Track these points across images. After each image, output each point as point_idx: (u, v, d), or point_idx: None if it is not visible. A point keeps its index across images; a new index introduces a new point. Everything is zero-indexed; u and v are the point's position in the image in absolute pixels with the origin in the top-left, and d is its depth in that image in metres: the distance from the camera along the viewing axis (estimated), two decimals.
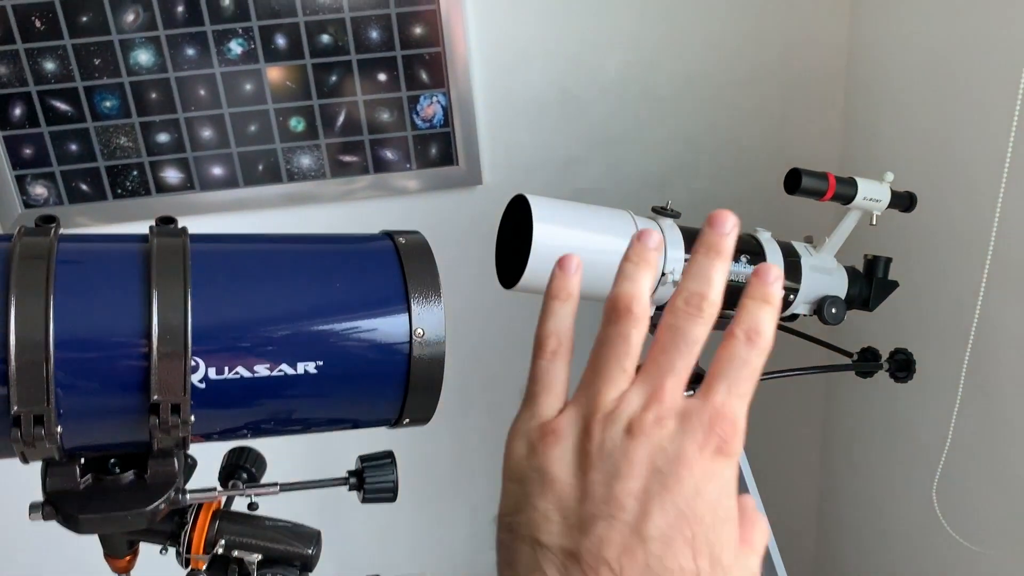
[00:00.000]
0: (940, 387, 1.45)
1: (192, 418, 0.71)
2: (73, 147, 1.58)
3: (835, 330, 1.30)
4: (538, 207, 1.05)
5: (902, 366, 1.28)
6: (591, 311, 1.74)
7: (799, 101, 1.72)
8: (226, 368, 0.71)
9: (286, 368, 0.73)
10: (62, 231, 0.73)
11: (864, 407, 1.81)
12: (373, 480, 0.87)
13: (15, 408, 0.66)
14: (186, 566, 0.87)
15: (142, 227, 1.67)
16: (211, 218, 1.66)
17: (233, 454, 0.99)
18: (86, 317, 0.68)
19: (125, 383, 0.69)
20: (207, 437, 0.77)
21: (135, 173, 1.61)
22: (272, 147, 1.63)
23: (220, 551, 0.86)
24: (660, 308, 1.19)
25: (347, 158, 1.65)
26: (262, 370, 0.73)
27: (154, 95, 1.57)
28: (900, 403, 1.65)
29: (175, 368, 0.69)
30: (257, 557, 0.87)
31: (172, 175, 1.63)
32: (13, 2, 1.47)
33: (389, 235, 0.84)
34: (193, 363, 0.70)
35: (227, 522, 0.87)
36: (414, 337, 0.77)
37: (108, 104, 1.57)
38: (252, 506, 0.88)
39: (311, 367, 0.74)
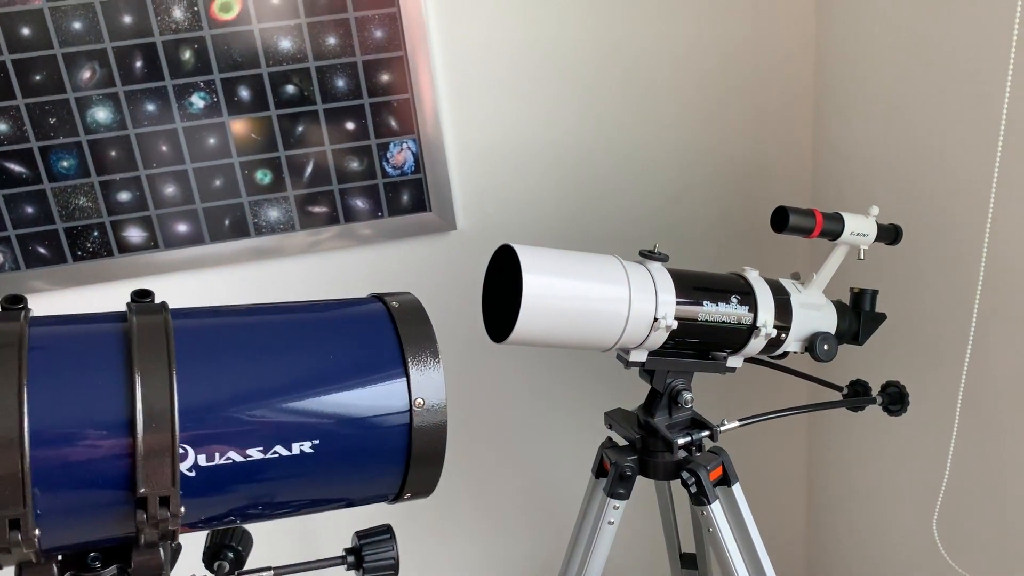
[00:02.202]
0: (934, 418, 1.44)
1: (182, 509, 0.66)
2: (29, 209, 1.52)
3: (822, 364, 1.28)
4: (526, 257, 1.02)
5: (895, 399, 1.27)
6: (585, 358, 1.70)
7: (770, 126, 1.72)
8: (217, 454, 0.67)
9: (280, 450, 0.69)
10: (32, 313, 0.68)
11: (850, 440, 1.79)
12: (373, 558, 0.82)
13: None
14: None
15: (105, 290, 1.59)
16: (177, 276, 1.60)
17: (217, 533, 0.94)
18: (64, 409, 0.63)
19: (109, 478, 0.64)
20: (197, 526, 0.72)
21: (96, 234, 1.55)
22: (239, 201, 1.58)
23: None
24: (653, 353, 1.16)
25: (316, 209, 1.61)
26: (255, 453, 0.68)
27: (114, 153, 1.51)
28: (890, 435, 1.64)
29: (162, 458, 0.64)
30: None
31: (135, 234, 1.57)
32: None
33: (379, 298, 0.80)
34: (181, 451, 0.65)
35: None
36: (414, 407, 0.73)
37: (65, 164, 1.51)
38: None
39: (307, 447, 0.70)
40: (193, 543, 0.87)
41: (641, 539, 1.89)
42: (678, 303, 1.10)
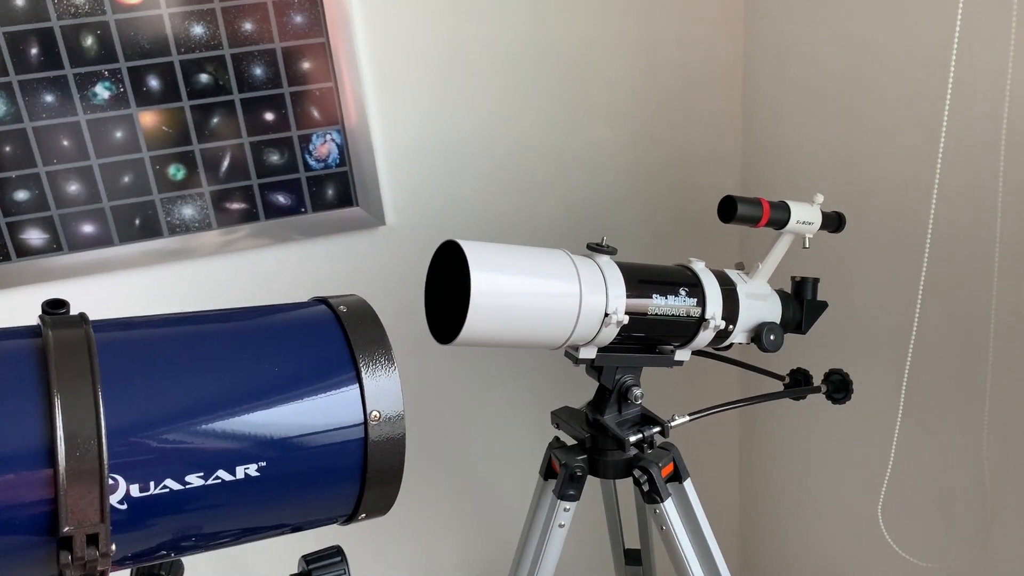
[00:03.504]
0: (876, 406, 1.45)
1: (113, 547, 0.59)
2: None
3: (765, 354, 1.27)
4: (473, 253, 0.96)
5: (839, 387, 1.27)
6: (530, 356, 1.64)
7: (699, 114, 1.71)
8: (151, 483, 0.59)
9: (223, 475, 0.62)
10: None
11: (786, 430, 1.80)
12: None
13: None
14: None
15: (5, 297, 1.47)
16: (83, 281, 1.48)
17: (144, 567, 0.86)
18: None
19: (27, 515, 0.56)
20: (126, 563, 0.65)
21: None
22: (150, 199, 1.47)
23: None
24: (603, 350, 1.12)
25: (234, 205, 1.52)
26: (195, 480, 0.61)
27: (8, 148, 1.39)
28: (830, 425, 1.65)
29: (89, 490, 0.57)
30: None
31: (35, 236, 1.44)
32: None
33: (323, 301, 0.74)
34: (111, 481, 0.58)
35: None
36: (370, 420, 0.67)
37: None
38: None
39: (252, 469, 0.63)
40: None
41: (583, 534, 1.86)
42: (628, 297, 1.07)
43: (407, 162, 1.58)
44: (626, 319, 1.05)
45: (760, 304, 1.21)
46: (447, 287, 1.03)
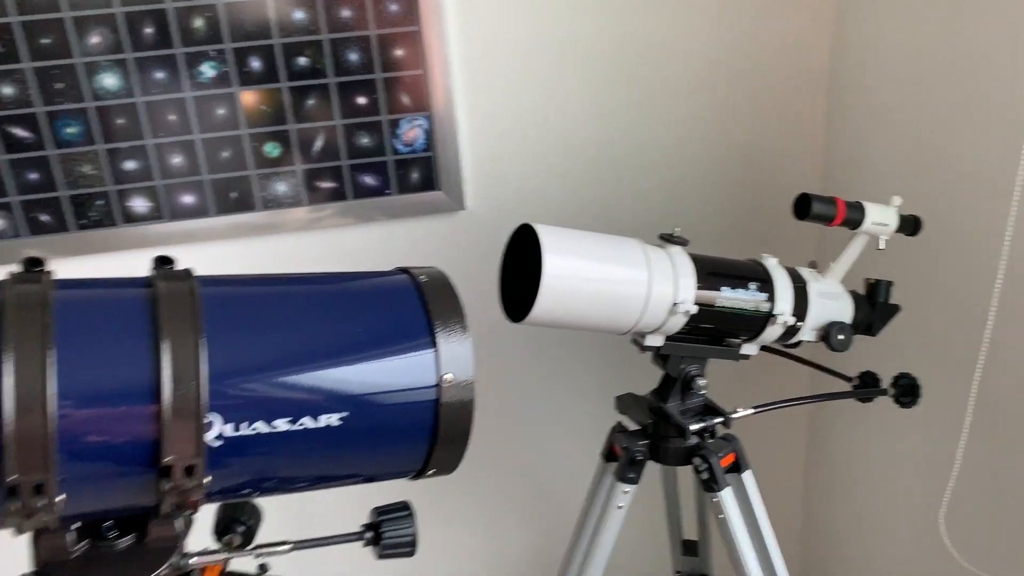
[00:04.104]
0: (944, 413, 1.44)
1: (207, 479, 0.65)
2: (33, 176, 1.49)
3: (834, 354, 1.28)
4: (547, 237, 1.00)
5: (907, 391, 1.26)
6: (595, 342, 1.68)
7: (782, 113, 1.71)
8: (244, 424, 0.65)
9: (308, 421, 0.68)
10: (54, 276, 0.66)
11: (852, 433, 1.79)
12: (391, 535, 0.81)
13: (13, 476, 0.59)
14: None
15: (108, 260, 1.57)
16: (179, 248, 1.57)
17: (228, 507, 0.92)
18: (89, 373, 0.62)
19: (134, 445, 0.62)
20: (213, 497, 0.71)
21: (100, 202, 1.53)
22: (246, 174, 1.56)
23: None
24: (669, 338, 1.15)
25: (324, 184, 1.59)
26: (282, 424, 0.67)
27: (120, 120, 1.49)
28: (895, 429, 1.63)
29: (188, 426, 0.63)
30: None
31: (140, 204, 1.54)
32: None
33: (406, 271, 0.79)
34: (208, 420, 0.64)
35: None
36: (443, 383, 0.72)
37: (71, 130, 1.48)
38: (263, 568, 0.81)
39: (334, 419, 0.68)
40: (201, 517, 0.85)
41: (642, 522, 1.88)
42: (697, 288, 1.09)
43: (490, 149, 1.62)
44: (695, 309, 1.08)
45: (831, 303, 1.21)
46: (521, 268, 1.07)
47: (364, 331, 0.71)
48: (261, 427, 0.66)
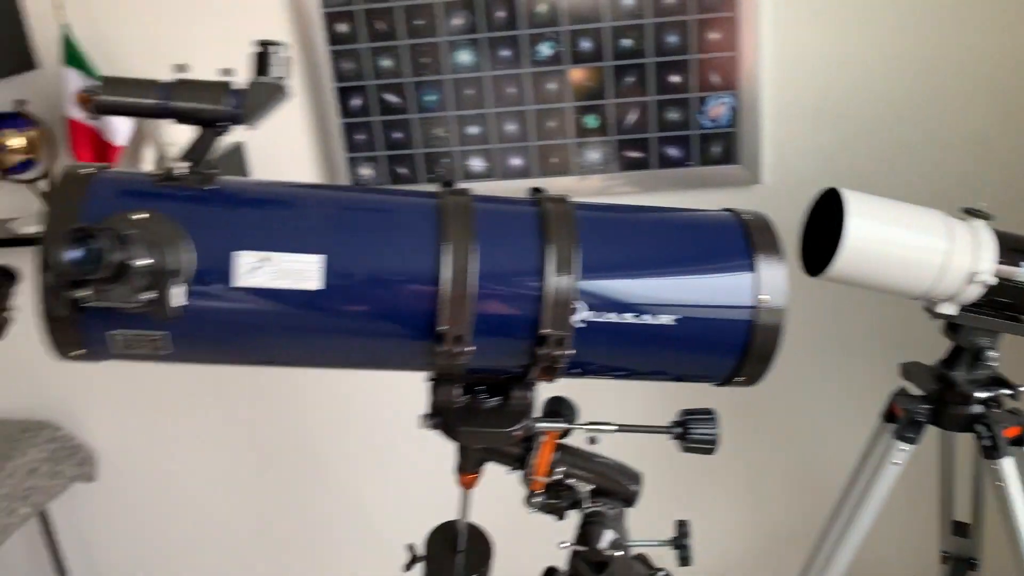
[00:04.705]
0: None
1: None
2: (397, 135, 1.81)
3: None
4: (853, 200, 1.11)
5: None
6: (878, 310, 1.75)
7: None
8: (601, 313, 0.84)
9: (648, 318, 0.85)
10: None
11: None
12: (697, 432, 0.97)
13: (442, 327, 0.82)
14: (528, 487, 1.00)
15: None
16: None
17: (553, 401, 1.12)
18: (498, 261, 0.83)
19: (524, 316, 0.83)
20: (568, 372, 0.90)
21: (446, 160, 1.82)
22: (565, 142, 1.78)
23: (557, 478, 0.99)
24: (963, 309, 1.20)
25: (633, 154, 1.78)
26: (629, 317, 0.85)
27: (469, 91, 1.76)
28: None
29: (562, 308, 0.83)
30: (589, 487, 1.00)
31: (477, 163, 1.82)
32: (364, 7, 1.71)
33: (731, 210, 0.94)
34: (576, 306, 0.83)
35: (566, 454, 1.00)
36: (759, 304, 0.86)
37: (429, 98, 1.78)
38: (593, 440, 1.00)
39: (669, 319, 0.86)
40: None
41: (911, 500, 1.89)
42: (999, 263, 1.14)
43: (791, 128, 1.72)
44: (993, 280, 1.13)
45: None
46: (824, 228, 1.19)
47: (698, 251, 0.88)
48: (613, 317, 0.84)
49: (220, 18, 1.79)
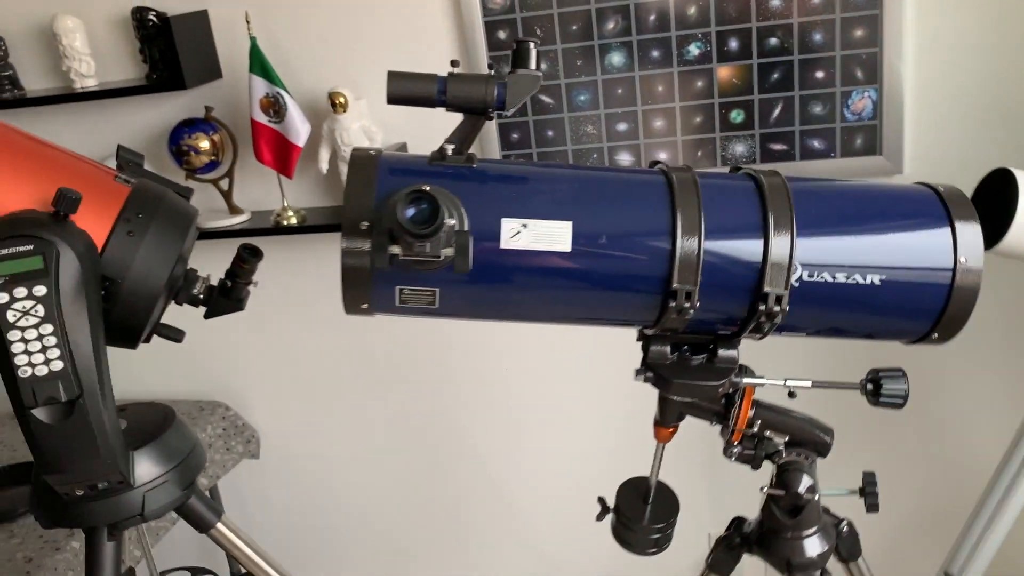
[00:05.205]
0: None
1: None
2: (549, 132, 1.94)
3: None
4: None
5: None
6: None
7: None
8: (815, 273, 0.95)
9: (857, 278, 0.95)
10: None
11: None
12: (889, 388, 1.06)
13: (674, 285, 0.93)
14: (728, 439, 1.11)
15: None
16: None
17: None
18: (723, 227, 0.95)
19: (745, 278, 0.94)
20: (782, 330, 1.01)
21: (594, 157, 1.94)
22: (712, 136, 1.88)
23: (755, 430, 1.10)
24: None
25: (777, 146, 1.87)
26: (841, 277, 0.95)
27: (619, 91, 1.88)
28: None
29: (783, 268, 0.93)
30: (784, 438, 1.10)
31: (624, 158, 1.93)
32: (523, 15, 1.85)
33: (923, 183, 1.04)
34: (796, 265, 0.94)
35: (764, 409, 1.10)
36: (959, 265, 0.95)
37: (582, 98, 1.90)
38: (792, 395, 1.10)
39: (875, 279, 0.95)
40: None
41: None
42: None
43: (935, 120, 1.79)
44: None
45: None
46: (984, 211, 1.26)
47: (901, 216, 0.98)
48: (826, 276, 0.95)
49: (384, 29, 1.94)
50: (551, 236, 0.92)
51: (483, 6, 1.86)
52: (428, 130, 0.92)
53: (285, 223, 2.03)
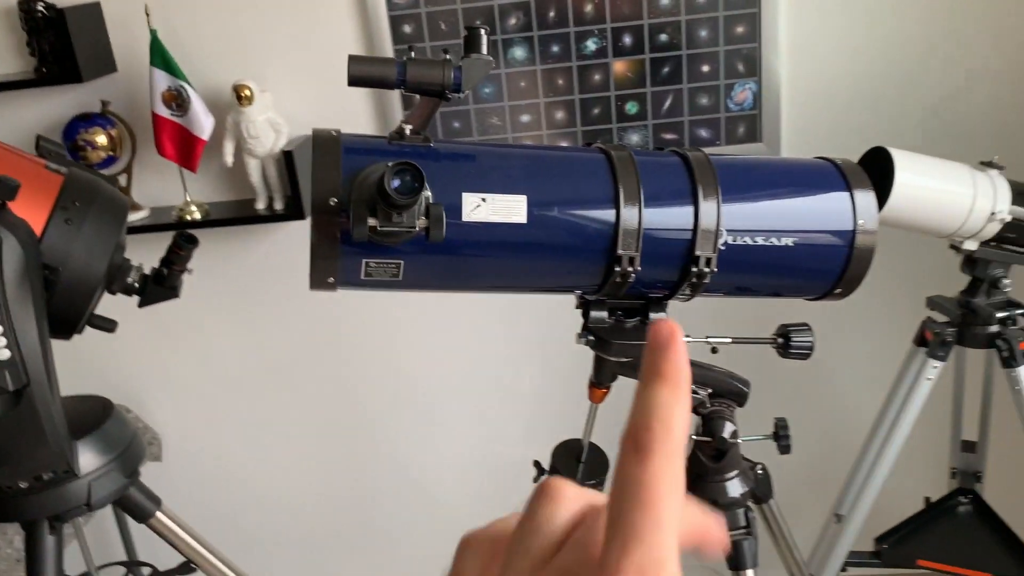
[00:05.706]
0: None
1: (715, 268, 1.05)
2: (456, 125, 2.01)
3: None
4: (900, 159, 1.36)
5: None
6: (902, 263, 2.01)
7: None
8: (738, 236, 1.06)
9: (774, 240, 1.07)
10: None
11: None
12: (797, 340, 1.19)
13: (619, 251, 1.03)
14: None
15: None
16: None
17: None
18: (659, 198, 1.04)
19: (679, 242, 1.05)
20: (707, 291, 1.12)
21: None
22: (609, 126, 2.00)
23: None
24: (984, 245, 1.46)
25: (668, 135, 2.01)
26: (760, 240, 1.07)
27: (522, 83, 1.97)
28: None
29: (710, 233, 1.04)
30: (708, 391, 1.21)
31: None
32: (428, 9, 1.91)
33: (823, 157, 1.17)
34: (722, 229, 1.05)
35: (690, 365, 1.21)
36: (858, 227, 1.09)
37: (487, 90, 1.98)
38: (714, 350, 1.21)
39: (789, 241, 1.08)
40: None
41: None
42: (1011, 204, 1.40)
43: (808, 110, 1.97)
44: (1009, 217, 1.39)
45: None
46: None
47: (808, 184, 1.10)
48: (748, 240, 1.06)
49: (289, 21, 1.96)
50: (508, 209, 0.99)
51: (387, 1, 1.91)
52: (334, 124, 0.98)
53: (188, 218, 2.01)
